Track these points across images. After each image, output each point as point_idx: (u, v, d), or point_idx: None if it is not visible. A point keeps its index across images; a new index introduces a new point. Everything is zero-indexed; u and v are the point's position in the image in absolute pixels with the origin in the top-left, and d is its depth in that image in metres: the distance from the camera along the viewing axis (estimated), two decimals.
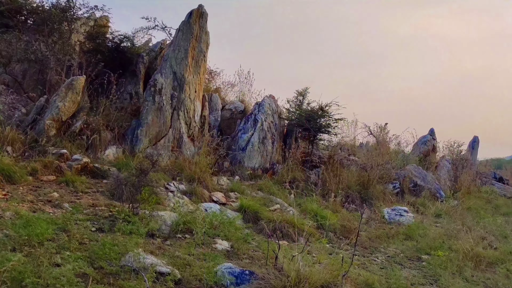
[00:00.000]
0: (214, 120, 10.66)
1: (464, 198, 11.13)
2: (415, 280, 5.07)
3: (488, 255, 6.26)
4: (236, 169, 9.31)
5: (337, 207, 8.11)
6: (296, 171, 9.51)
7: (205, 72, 10.48)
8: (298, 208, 7.59)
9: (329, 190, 8.93)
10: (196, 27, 9.52)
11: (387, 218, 8.14)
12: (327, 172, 9.51)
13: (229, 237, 5.26)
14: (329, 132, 10.95)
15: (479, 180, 13.66)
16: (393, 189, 10.60)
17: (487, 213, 10.05)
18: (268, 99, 10.76)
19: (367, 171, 9.87)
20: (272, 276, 3.79)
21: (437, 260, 5.80)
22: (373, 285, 4.27)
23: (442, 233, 7.40)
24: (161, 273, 3.81)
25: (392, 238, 7.01)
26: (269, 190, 8.28)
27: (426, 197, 10.50)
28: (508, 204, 11.63)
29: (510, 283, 5.21)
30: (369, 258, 5.87)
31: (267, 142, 10.09)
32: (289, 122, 11.17)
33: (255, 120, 10.16)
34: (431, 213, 9.25)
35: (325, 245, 5.94)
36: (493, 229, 8.19)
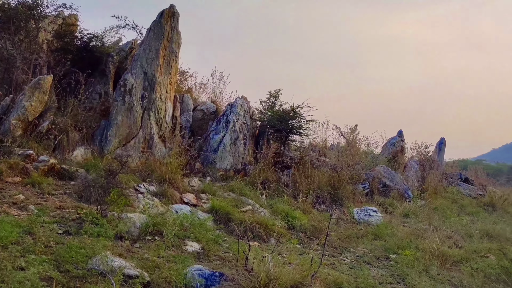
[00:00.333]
0: (185, 121, 10.59)
1: (431, 198, 11.40)
2: (383, 279, 5.17)
3: (453, 254, 6.44)
4: (207, 170, 9.27)
5: (308, 207, 8.18)
6: (267, 172, 9.54)
7: (177, 73, 10.40)
8: (270, 209, 7.63)
9: (300, 191, 9.00)
10: (168, 27, 9.44)
11: (357, 218, 8.26)
12: (299, 173, 9.59)
13: (200, 238, 5.24)
14: (300, 133, 11.05)
15: (445, 180, 14.02)
16: (363, 189, 10.77)
17: (453, 212, 10.32)
18: (241, 100, 10.76)
19: (337, 172, 9.98)
20: (242, 277, 3.80)
21: (404, 259, 5.93)
22: (342, 284, 4.33)
23: (409, 233, 7.57)
24: (130, 276, 3.76)
25: (361, 238, 7.13)
26: (241, 191, 8.28)
27: (394, 197, 10.70)
28: (473, 204, 11.98)
29: (474, 281, 5.37)
30: (338, 258, 5.95)
31: (239, 143, 10.10)
32: (261, 123, 11.21)
33: (227, 121, 10.15)
34: (399, 213, 9.44)
35: (295, 246, 5.98)
36: (458, 229, 8.43)
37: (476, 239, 7.68)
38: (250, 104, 11.17)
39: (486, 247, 7.12)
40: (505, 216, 10.95)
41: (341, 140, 14.40)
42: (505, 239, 7.95)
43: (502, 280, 5.35)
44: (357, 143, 14.40)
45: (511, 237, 8.15)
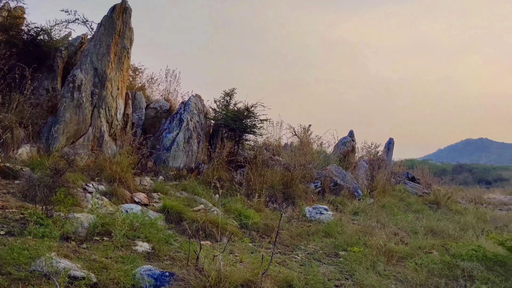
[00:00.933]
0: (138, 118, 10.39)
1: (380, 196, 11.77)
2: (332, 275, 5.29)
3: (399, 250, 6.69)
4: (160, 169, 9.15)
5: (261, 206, 8.25)
6: (221, 171, 9.54)
7: (129, 69, 10.18)
8: (223, 208, 7.62)
9: (254, 190, 9.06)
10: (119, 22, 9.22)
11: (308, 216, 8.41)
12: (252, 172, 9.64)
13: (150, 238, 5.16)
14: (254, 133, 11.12)
15: (393, 179, 14.51)
16: (315, 188, 10.98)
17: (400, 210, 10.71)
18: (195, 98, 10.69)
19: (290, 171, 10.12)
20: (192, 277, 3.78)
21: (353, 256, 6.08)
22: (292, 281, 4.39)
23: (358, 230, 7.79)
24: (75, 277, 3.65)
25: (312, 236, 7.26)
26: (194, 190, 8.23)
27: (345, 196, 10.97)
28: (419, 202, 12.47)
29: (418, 276, 5.59)
30: (289, 255, 6.03)
31: (193, 141, 10.02)
32: (215, 122, 11.18)
33: (181, 119, 10.05)
34: (349, 211, 9.69)
35: (247, 244, 6.01)
36: (404, 226, 8.75)
37: (421, 235, 8.00)
38: (205, 103, 11.11)
39: (430, 243, 7.43)
40: (449, 214, 11.47)
41: (295, 140, 14.63)
42: (447, 235, 8.33)
43: (444, 275, 5.59)
44: (310, 142, 14.67)
45: (454, 233, 8.55)
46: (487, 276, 5.44)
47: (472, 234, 8.47)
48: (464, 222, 9.91)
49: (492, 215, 11.72)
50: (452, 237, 8.21)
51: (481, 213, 11.72)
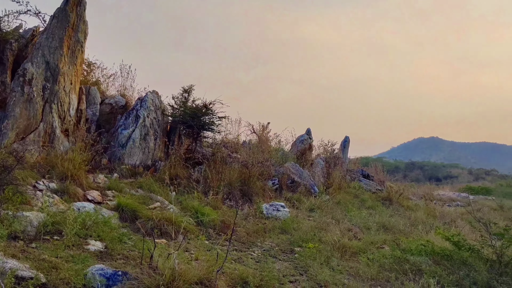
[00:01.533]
0: (92, 114, 10.11)
1: (335, 193, 12.03)
2: (287, 271, 5.36)
3: (353, 245, 6.87)
4: (115, 166, 8.95)
5: (218, 203, 8.24)
6: (178, 168, 9.45)
7: (83, 63, 9.88)
8: (179, 205, 7.56)
9: (211, 187, 9.03)
10: (73, 15, 8.93)
11: (265, 213, 8.48)
12: (210, 169, 9.60)
13: (103, 237, 5.05)
14: (212, 130, 11.07)
15: (348, 176, 14.86)
16: (273, 185, 11.08)
17: (354, 206, 10.98)
18: (152, 94, 10.52)
19: (248, 168, 10.15)
20: (146, 276, 3.73)
21: (308, 252, 6.20)
22: (247, 278, 4.42)
23: (314, 226, 7.93)
24: (23, 277, 3.52)
25: (269, 233, 7.33)
26: (150, 187, 8.11)
27: (302, 193, 11.12)
28: (372, 199, 12.82)
29: (369, 270, 5.76)
30: (246, 252, 6.07)
31: (149, 138, 9.87)
32: (173, 119, 11.05)
33: (137, 115, 9.88)
34: (305, 207, 9.84)
35: (203, 242, 6.00)
36: (358, 222, 8.99)
37: (374, 231, 8.25)
38: (162, 99, 10.96)
39: (382, 238, 7.67)
40: (400, 210, 11.87)
41: (253, 137, 14.69)
42: (398, 230, 8.63)
43: (394, 269, 5.79)
44: (269, 140, 14.79)
45: (404, 229, 8.86)
46: (434, 270, 5.68)
47: (422, 229, 8.82)
48: (415, 218, 10.29)
49: (441, 211, 12.22)
50: (403, 232, 8.51)
51: (431, 209, 12.20)
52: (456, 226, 9.66)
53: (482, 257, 5.86)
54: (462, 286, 5.28)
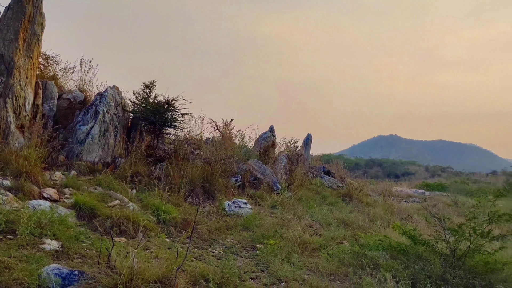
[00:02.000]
0: (49, 109, 9.78)
1: (297, 190, 12.16)
2: (248, 268, 5.38)
3: (313, 241, 6.97)
4: (73, 163, 8.70)
5: (180, 201, 8.16)
6: (139, 165, 9.29)
7: (39, 57, 9.54)
8: (140, 203, 7.44)
9: (173, 184, 8.94)
10: (29, 7, 8.60)
11: (228, 211, 8.47)
12: (172, 166, 9.50)
13: (59, 236, 4.90)
14: (175, 126, 10.95)
15: (310, 173, 15.06)
16: (235, 182, 11.08)
17: (316, 203, 11.15)
18: (112, 89, 10.28)
19: (211, 165, 10.11)
20: (103, 275, 3.66)
21: (269, 248, 6.24)
22: (208, 276, 4.41)
23: (276, 223, 8.00)
24: None
25: (231, 230, 7.33)
26: (109, 185, 7.93)
27: (264, 190, 11.19)
28: (333, 195, 13.06)
29: (329, 265, 5.87)
30: (207, 250, 6.04)
31: (109, 135, 9.65)
32: (134, 115, 10.84)
33: (96, 111, 9.63)
34: (267, 204, 9.90)
35: (164, 240, 5.93)
36: (319, 218, 9.13)
37: (334, 227, 8.40)
38: (123, 95, 10.73)
39: (342, 234, 7.83)
40: (360, 206, 12.14)
41: (217, 134, 14.63)
42: (358, 226, 8.83)
43: (353, 264, 5.92)
44: (232, 137, 14.77)
45: (363, 224, 9.08)
46: (391, 264, 5.84)
47: (380, 225, 9.05)
48: (373, 213, 10.55)
49: (398, 207, 12.60)
50: (362, 228, 8.71)
51: (389, 205, 12.55)
52: (412, 221, 9.97)
53: (436, 251, 6.08)
54: (417, 279, 5.45)
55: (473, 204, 7.05)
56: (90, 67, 12.02)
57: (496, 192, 6.41)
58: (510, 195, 11.93)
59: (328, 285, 5.07)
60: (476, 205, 6.90)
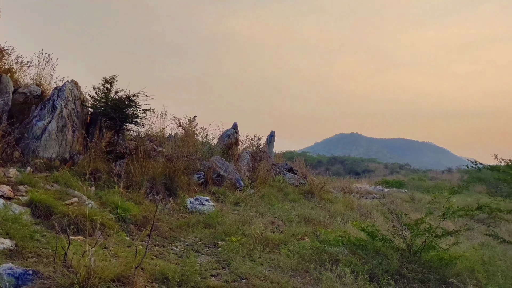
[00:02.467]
0: (3, 104, 9.39)
1: (260, 187, 12.22)
2: (210, 265, 5.37)
3: (275, 238, 7.03)
4: (29, 160, 8.40)
5: (141, 198, 8.04)
6: (99, 162, 9.08)
7: None
8: (99, 200, 7.28)
9: (134, 182, 8.79)
10: None
11: (190, 208, 8.41)
12: (133, 163, 9.33)
13: (13, 234, 4.73)
14: (136, 123, 10.74)
15: (273, 170, 15.15)
16: (198, 179, 11.02)
17: (278, 200, 11.24)
18: (70, 84, 9.99)
19: (173, 162, 10.00)
20: (59, 274, 3.56)
21: (231, 245, 6.24)
22: (168, 274, 4.37)
23: (238, 220, 8.01)
24: None
25: (192, 227, 7.28)
26: (67, 182, 7.71)
27: (227, 187, 11.18)
28: (295, 192, 13.21)
29: (290, 261, 5.93)
30: (168, 247, 5.98)
31: (67, 130, 9.38)
32: (94, 111, 10.57)
33: (54, 106, 9.33)
34: (230, 201, 9.90)
35: (124, 238, 5.83)
36: (281, 214, 9.21)
37: (295, 223, 8.50)
38: (82, 90, 10.44)
39: (303, 230, 7.93)
40: (321, 202, 12.34)
41: (179, 131, 14.48)
42: (319, 222, 8.97)
43: (313, 259, 6.02)
44: (195, 134, 14.65)
45: (324, 220, 9.23)
46: (350, 260, 5.97)
47: (340, 221, 9.23)
48: (334, 210, 10.75)
49: (358, 203, 12.87)
50: (323, 224, 8.86)
51: (349, 201, 12.80)
52: (371, 217, 10.22)
53: (393, 247, 6.27)
54: (375, 274, 5.60)
55: (429, 200, 7.30)
56: (49, 60, 11.61)
57: (451, 190, 6.66)
58: (464, 192, 12.42)
59: (288, 281, 5.13)
60: (432, 201, 7.16)
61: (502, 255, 7.03)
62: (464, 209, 6.29)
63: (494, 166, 7.73)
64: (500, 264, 6.29)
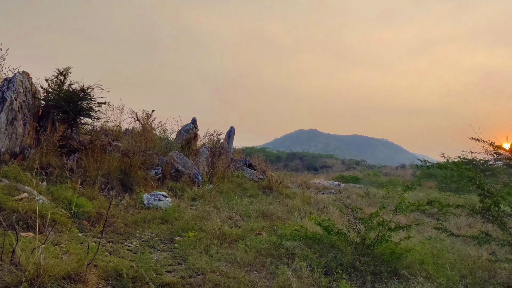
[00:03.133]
0: None
1: (219, 182, 12.20)
2: (165, 261, 5.30)
3: (232, 233, 7.03)
4: None
5: (95, 194, 7.84)
6: (51, 156, 8.78)
7: None
8: (51, 196, 7.03)
9: (88, 177, 8.56)
10: None
11: (146, 204, 8.28)
12: (87, 157, 9.08)
13: None
14: (91, 116, 10.45)
15: (233, 166, 15.17)
16: (155, 174, 10.86)
17: (236, 195, 11.26)
18: (21, 75, 9.57)
19: (129, 157, 9.81)
20: (6, 272, 3.42)
21: (187, 241, 6.19)
22: (122, 271, 4.28)
23: (195, 215, 7.96)
24: None
25: (148, 223, 7.18)
26: (17, 177, 7.41)
27: (185, 182, 11.09)
28: (254, 187, 13.28)
29: (247, 256, 5.95)
30: (123, 244, 5.86)
31: (18, 123, 8.99)
32: (46, 103, 10.18)
33: (3, 98, 8.92)
34: (188, 197, 9.83)
35: (76, 234, 5.67)
36: (239, 210, 9.23)
37: (253, 218, 8.54)
38: (34, 81, 10.03)
39: (261, 225, 7.98)
40: (279, 197, 12.46)
41: (137, 125, 14.21)
42: (276, 217, 9.05)
43: (270, 254, 6.07)
44: (153, 128, 14.41)
45: (282, 215, 9.33)
46: (306, 254, 6.07)
47: (298, 215, 9.36)
48: (292, 205, 10.88)
49: (315, 198, 13.10)
50: (281, 219, 8.95)
51: (307, 196, 13.00)
52: (328, 212, 10.41)
53: (348, 240, 6.42)
54: (330, 267, 5.71)
55: (383, 195, 7.51)
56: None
57: (405, 187, 6.89)
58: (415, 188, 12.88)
59: (245, 276, 5.15)
60: (385, 195, 7.37)
61: (451, 248, 7.35)
62: (415, 204, 6.52)
63: (442, 164, 8.05)
64: (448, 257, 6.58)
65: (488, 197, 6.30)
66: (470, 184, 6.76)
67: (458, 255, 6.85)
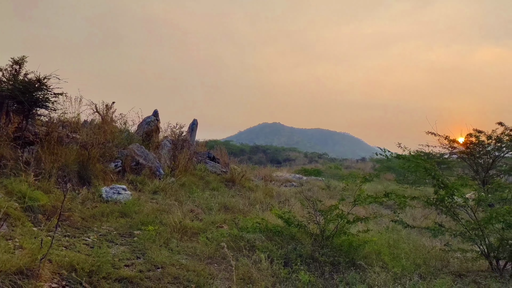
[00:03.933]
0: None
1: (181, 175, 12.09)
2: (124, 255, 5.22)
3: (193, 226, 7.01)
4: None
5: (51, 187, 7.61)
6: (4, 149, 8.43)
7: None
8: (4, 189, 6.77)
9: (44, 170, 8.29)
10: None
11: (105, 197, 8.12)
12: (43, 150, 8.79)
13: None
14: (47, 107, 10.10)
15: (195, 159, 15.04)
16: (115, 167, 10.64)
17: (199, 188, 11.20)
18: None
19: (87, 150, 9.57)
20: None
21: (147, 235, 6.12)
22: (78, 265, 4.19)
23: (156, 209, 7.87)
24: None
25: (107, 217, 7.04)
26: None
27: (146, 175, 10.92)
28: (217, 180, 13.23)
29: (207, 249, 5.96)
30: (80, 238, 5.73)
31: None
32: (0, 93, 9.75)
33: None
34: (149, 190, 9.70)
35: (31, 229, 5.49)
36: (201, 203, 9.20)
37: (215, 211, 8.53)
38: None
39: (222, 218, 7.99)
40: (242, 190, 12.49)
41: (96, 117, 13.85)
42: (238, 210, 9.09)
43: (231, 246, 6.09)
44: (114, 120, 14.09)
45: (244, 208, 9.37)
46: (266, 246, 6.13)
47: (259, 208, 9.43)
48: (254, 198, 10.94)
49: (277, 191, 13.22)
50: (242, 211, 8.99)
51: (269, 189, 13.10)
52: (289, 204, 10.54)
53: (308, 232, 6.53)
54: (289, 259, 5.80)
55: (343, 187, 7.67)
56: None
57: (363, 178, 7.06)
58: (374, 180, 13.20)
59: (205, 268, 5.15)
60: (345, 187, 7.53)
61: (406, 239, 7.61)
62: (373, 197, 6.70)
63: (401, 154, 8.29)
64: (404, 247, 6.80)
65: (443, 189, 6.55)
66: (426, 175, 7.00)
67: (413, 245, 7.10)
